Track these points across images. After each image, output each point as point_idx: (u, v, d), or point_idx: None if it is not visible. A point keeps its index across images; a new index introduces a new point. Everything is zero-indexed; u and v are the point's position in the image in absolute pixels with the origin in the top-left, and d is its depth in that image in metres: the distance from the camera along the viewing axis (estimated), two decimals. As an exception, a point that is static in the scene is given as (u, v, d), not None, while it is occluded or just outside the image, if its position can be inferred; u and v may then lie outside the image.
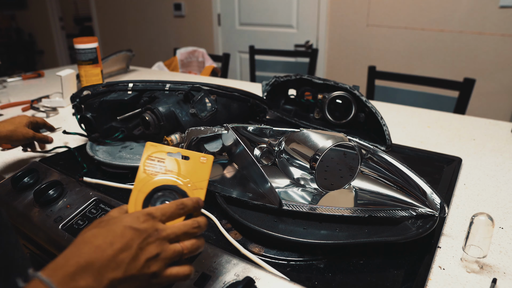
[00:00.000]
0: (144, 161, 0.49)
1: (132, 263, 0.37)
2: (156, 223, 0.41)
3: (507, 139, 1.03)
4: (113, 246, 0.36)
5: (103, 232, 0.37)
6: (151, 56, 3.43)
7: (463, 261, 0.55)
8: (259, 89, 1.38)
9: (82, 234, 0.38)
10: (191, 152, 0.50)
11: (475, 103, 1.99)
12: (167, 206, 0.43)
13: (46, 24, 4.40)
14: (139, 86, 0.87)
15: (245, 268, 0.51)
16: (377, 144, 0.90)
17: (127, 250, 0.37)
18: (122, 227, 0.38)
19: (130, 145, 0.90)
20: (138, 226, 0.39)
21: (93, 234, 0.37)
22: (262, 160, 0.72)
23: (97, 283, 0.34)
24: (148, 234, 0.39)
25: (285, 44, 2.68)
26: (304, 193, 0.66)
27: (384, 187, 0.67)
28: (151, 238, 0.39)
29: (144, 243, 0.38)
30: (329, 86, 1.00)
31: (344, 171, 0.73)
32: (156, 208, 0.42)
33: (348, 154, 0.79)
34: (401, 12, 2.23)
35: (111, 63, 1.73)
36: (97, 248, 0.36)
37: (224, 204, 0.62)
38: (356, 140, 0.69)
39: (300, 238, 0.54)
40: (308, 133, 0.66)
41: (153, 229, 0.40)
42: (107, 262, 0.35)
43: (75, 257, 0.35)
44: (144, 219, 0.40)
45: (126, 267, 0.36)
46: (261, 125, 0.73)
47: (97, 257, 0.35)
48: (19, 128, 0.80)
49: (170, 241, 0.41)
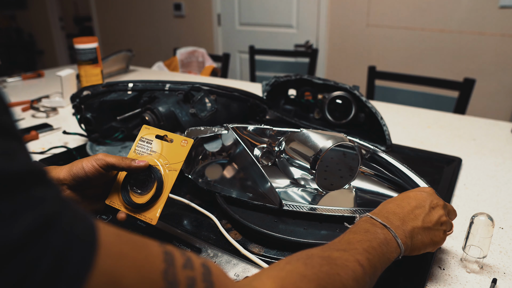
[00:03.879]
0: (136, 142, 0.56)
1: (426, 217, 0.48)
2: (437, 195, 0.53)
3: (507, 139, 1.03)
4: (410, 204, 0.49)
5: (400, 197, 0.51)
6: (151, 56, 3.43)
7: (463, 261, 0.55)
8: (259, 89, 1.38)
9: (385, 201, 0.51)
10: (175, 135, 0.56)
11: (475, 103, 1.99)
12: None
13: (46, 24, 4.40)
14: (139, 86, 0.87)
15: (245, 268, 0.51)
16: (377, 144, 0.90)
17: (421, 208, 0.49)
18: (415, 193, 0.52)
19: (130, 145, 0.90)
20: (427, 191, 0.52)
21: (393, 198, 0.51)
22: (262, 160, 0.72)
23: (403, 225, 0.46)
24: (434, 197, 0.51)
25: (285, 44, 2.68)
26: (304, 193, 0.66)
27: (384, 187, 0.67)
28: (437, 201, 0.51)
29: (434, 203, 0.50)
30: (329, 86, 1.00)
31: (344, 171, 0.73)
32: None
33: (348, 154, 0.79)
34: (401, 12, 2.23)
35: (111, 63, 1.73)
36: (398, 205, 0.49)
37: (224, 204, 0.62)
38: (356, 140, 0.69)
39: (300, 238, 0.54)
40: (308, 133, 0.66)
41: (436, 196, 0.52)
42: (407, 214, 0.47)
43: (384, 209, 0.48)
44: (429, 189, 0.53)
45: (423, 220, 0.47)
46: (261, 125, 0.73)
47: (399, 211, 0.48)
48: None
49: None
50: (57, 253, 0.20)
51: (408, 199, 0.50)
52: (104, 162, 0.50)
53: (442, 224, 0.49)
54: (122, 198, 0.53)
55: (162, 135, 0.56)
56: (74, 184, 0.50)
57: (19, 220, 0.19)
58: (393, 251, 0.43)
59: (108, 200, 0.54)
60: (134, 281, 0.23)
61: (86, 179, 0.50)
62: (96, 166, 0.50)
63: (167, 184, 0.52)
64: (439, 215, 0.49)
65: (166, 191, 0.52)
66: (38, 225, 0.19)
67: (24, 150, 0.22)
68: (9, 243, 0.18)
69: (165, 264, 0.26)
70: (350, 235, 0.42)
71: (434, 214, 0.49)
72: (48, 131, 1.07)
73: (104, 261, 0.22)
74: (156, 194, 0.52)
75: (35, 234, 0.19)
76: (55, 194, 0.22)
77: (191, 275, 0.26)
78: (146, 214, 0.52)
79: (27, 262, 0.18)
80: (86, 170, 0.50)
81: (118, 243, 0.24)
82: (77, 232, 0.21)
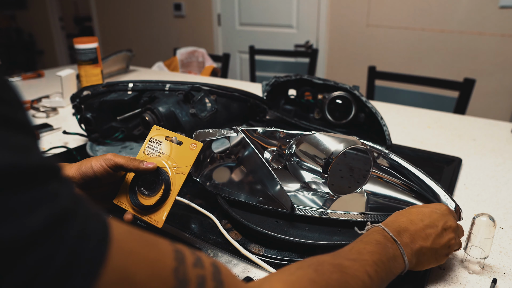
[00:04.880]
0: (146, 143, 0.56)
1: (436, 239, 0.47)
2: (452, 215, 0.52)
3: (507, 139, 1.03)
4: (423, 221, 0.48)
5: (415, 211, 0.50)
6: (151, 56, 3.43)
7: (463, 262, 0.55)
8: (259, 89, 1.38)
9: (398, 212, 0.51)
10: (185, 137, 0.55)
11: (475, 103, 1.99)
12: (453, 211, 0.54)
13: (46, 24, 4.40)
14: (139, 86, 0.87)
15: (245, 268, 0.51)
16: (377, 144, 0.90)
17: (433, 227, 0.48)
18: (430, 210, 0.50)
19: (130, 145, 0.90)
20: (441, 211, 0.50)
21: (406, 211, 0.50)
22: (273, 163, 0.70)
23: (412, 243, 0.45)
24: (448, 218, 0.50)
25: (285, 44, 2.68)
26: (315, 197, 0.65)
27: (396, 191, 0.66)
28: (450, 223, 0.49)
29: (447, 225, 0.49)
30: (329, 86, 1.00)
31: (356, 175, 0.72)
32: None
33: (360, 157, 0.78)
34: (401, 12, 2.23)
35: (111, 63, 1.73)
36: (411, 221, 0.48)
37: (225, 204, 0.62)
38: (369, 143, 0.68)
39: (301, 239, 0.54)
40: (320, 136, 0.65)
41: (450, 217, 0.51)
42: (418, 231, 0.47)
43: (397, 223, 0.47)
44: (445, 208, 0.52)
45: (433, 241, 0.47)
46: (272, 128, 0.71)
47: (411, 227, 0.47)
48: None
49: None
50: (71, 248, 0.20)
51: (422, 215, 0.49)
52: (112, 163, 0.50)
53: (449, 247, 0.49)
54: (130, 199, 0.53)
55: (171, 137, 0.56)
56: (82, 183, 0.50)
57: (34, 213, 0.19)
58: (399, 267, 0.44)
59: (116, 200, 0.54)
60: (145, 278, 0.23)
61: (94, 178, 0.50)
62: (105, 166, 0.50)
63: (174, 187, 0.52)
64: (449, 238, 0.48)
65: (173, 194, 0.52)
66: (53, 220, 0.20)
67: (38, 146, 0.22)
68: (25, 235, 0.18)
69: (176, 262, 0.26)
70: (361, 245, 0.43)
71: (444, 236, 0.48)
72: (48, 131, 1.07)
73: (116, 258, 0.22)
74: (163, 197, 0.51)
75: (50, 228, 0.19)
76: (69, 190, 0.22)
77: (201, 273, 0.27)
78: (152, 217, 0.52)
79: (42, 256, 0.18)
80: (95, 170, 0.50)
81: (130, 240, 0.24)
82: (90, 228, 0.21)
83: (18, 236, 0.18)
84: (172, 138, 0.56)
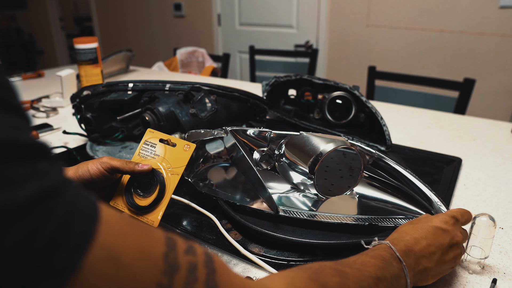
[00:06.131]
0: (140, 145, 0.58)
1: (442, 257, 0.46)
2: (459, 226, 0.50)
3: (507, 139, 1.03)
4: (427, 240, 0.46)
5: (418, 228, 0.48)
6: (151, 56, 3.43)
7: (464, 262, 0.55)
8: (259, 89, 1.38)
9: (402, 227, 0.49)
10: (178, 139, 0.57)
11: (475, 103, 1.99)
12: (465, 212, 0.52)
13: (46, 24, 4.40)
14: (139, 86, 0.87)
15: (245, 268, 0.51)
16: (377, 144, 0.90)
17: (438, 247, 0.46)
18: (433, 227, 0.48)
19: (130, 145, 0.90)
20: (446, 227, 0.48)
21: (411, 228, 0.48)
22: (262, 164, 0.69)
23: (416, 265, 0.44)
24: (455, 234, 0.48)
25: (285, 44, 2.68)
26: (306, 199, 0.64)
27: (388, 194, 0.65)
28: (457, 239, 0.48)
29: (453, 241, 0.47)
30: (329, 86, 1.00)
31: (346, 176, 0.70)
32: (460, 213, 0.51)
33: (349, 159, 0.77)
34: (401, 12, 2.23)
35: (111, 63, 1.73)
36: (416, 240, 0.46)
37: (224, 205, 0.62)
38: (359, 144, 0.66)
39: (301, 238, 0.54)
40: (308, 136, 0.64)
41: (457, 231, 0.49)
42: (422, 250, 0.45)
43: (402, 241, 0.46)
44: (452, 222, 0.49)
45: (437, 260, 0.46)
46: (261, 128, 0.71)
47: (416, 247, 0.45)
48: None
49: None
50: (59, 222, 0.20)
51: (426, 233, 0.47)
52: (109, 166, 0.51)
53: (455, 260, 0.48)
54: (126, 200, 0.54)
55: (166, 139, 0.58)
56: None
57: (24, 186, 0.19)
58: (400, 286, 0.43)
59: (112, 202, 0.55)
60: (134, 260, 0.23)
61: (91, 181, 0.51)
62: (101, 169, 0.51)
63: (169, 187, 0.54)
64: (455, 254, 0.48)
65: (168, 194, 0.54)
66: (42, 193, 0.20)
67: (31, 130, 0.23)
68: (12, 206, 0.18)
69: (167, 248, 0.26)
70: (366, 258, 0.42)
71: (450, 253, 0.47)
72: (48, 131, 1.07)
73: (104, 237, 0.22)
74: (158, 197, 0.53)
75: (39, 201, 0.20)
76: (59, 171, 0.22)
77: (193, 260, 0.26)
78: (148, 216, 0.54)
79: (29, 227, 0.19)
80: (92, 173, 0.51)
81: (120, 223, 0.24)
82: (79, 206, 0.22)
83: (6, 206, 0.18)
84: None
